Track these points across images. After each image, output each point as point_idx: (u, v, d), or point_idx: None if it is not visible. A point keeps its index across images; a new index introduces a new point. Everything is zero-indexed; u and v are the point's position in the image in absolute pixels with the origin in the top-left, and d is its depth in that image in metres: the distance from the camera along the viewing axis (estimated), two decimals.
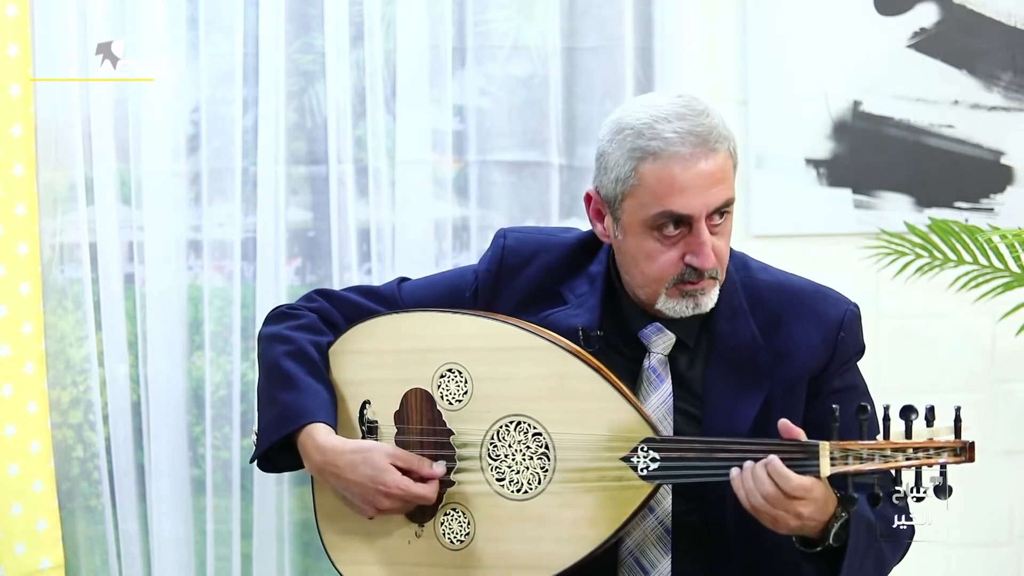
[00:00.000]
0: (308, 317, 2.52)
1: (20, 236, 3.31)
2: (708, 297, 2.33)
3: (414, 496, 2.35)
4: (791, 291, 2.41)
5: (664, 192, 2.26)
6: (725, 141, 2.28)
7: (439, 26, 3.49)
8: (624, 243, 2.35)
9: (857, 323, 2.42)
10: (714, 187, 2.26)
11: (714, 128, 2.27)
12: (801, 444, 2.16)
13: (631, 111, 2.32)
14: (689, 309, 2.33)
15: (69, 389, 3.42)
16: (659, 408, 2.35)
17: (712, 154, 2.26)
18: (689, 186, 2.25)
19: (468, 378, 2.38)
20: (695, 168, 2.25)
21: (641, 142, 2.27)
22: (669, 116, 2.27)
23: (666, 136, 2.26)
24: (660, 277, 2.31)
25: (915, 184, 3.65)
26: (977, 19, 3.63)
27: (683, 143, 2.25)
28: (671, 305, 2.33)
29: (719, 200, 2.27)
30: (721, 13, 3.62)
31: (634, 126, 2.29)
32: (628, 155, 2.28)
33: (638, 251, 2.32)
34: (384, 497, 2.35)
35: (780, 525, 2.18)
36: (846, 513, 2.20)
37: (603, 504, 2.27)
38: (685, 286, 2.31)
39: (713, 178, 2.26)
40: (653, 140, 2.26)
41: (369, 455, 2.36)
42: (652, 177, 2.27)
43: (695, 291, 2.31)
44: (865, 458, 2.14)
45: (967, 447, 2.14)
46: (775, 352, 2.36)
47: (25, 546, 3.30)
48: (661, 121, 2.27)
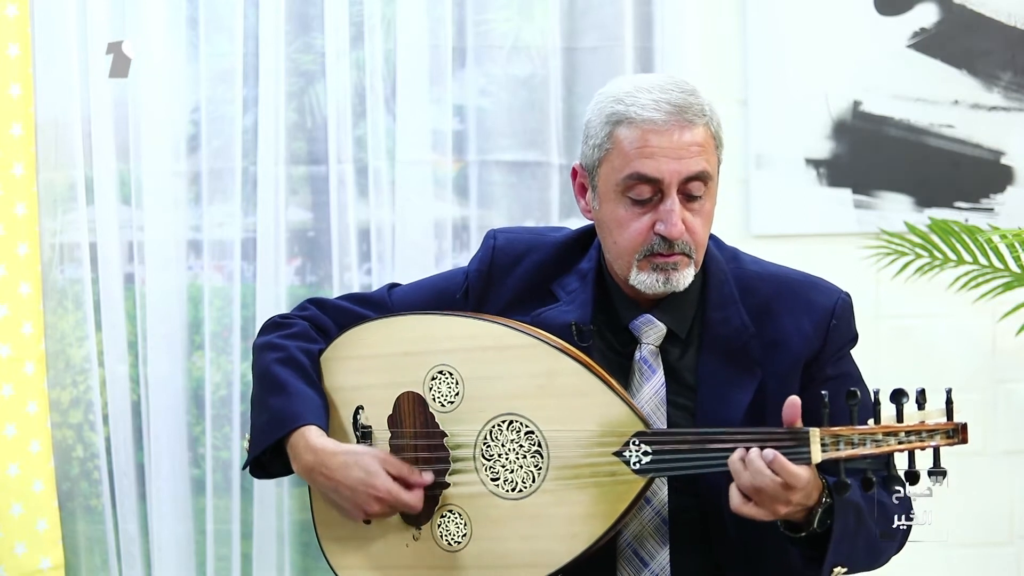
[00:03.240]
0: (299, 325, 2.53)
1: (20, 236, 3.31)
2: (681, 274, 2.32)
3: (402, 503, 2.36)
4: (782, 281, 2.42)
5: (635, 155, 2.27)
6: (704, 118, 2.29)
7: (439, 26, 3.49)
8: (600, 213, 2.36)
9: (849, 311, 2.42)
10: (688, 157, 2.27)
11: (696, 104, 2.29)
12: (792, 431, 2.15)
13: (618, 81, 2.37)
14: (660, 284, 2.32)
15: (69, 389, 3.42)
16: (651, 399, 2.36)
17: (688, 125, 2.27)
18: (660, 151, 2.27)
19: (459, 379, 2.38)
20: (669, 136, 2.27)
21: (619, 107, 2.30)
22: (652, 87, 2.30)
23: (643, 103, 2.28)
24: (631, 247, 2.32)
25: (915, 184, 3.65)
26: (977, 19, 3.63)
27: (658, 110, 2.27)
28: (642, 279, 2.33)
29: (691, 169, 2.27)
30: (721, 13, 3.62)
31: (614, 94, 2.32)
32: (605, 120, 2.31)
33: (611, 218, 2.33)
34: (374, 501, 2.36)
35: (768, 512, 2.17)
36: (830, 499, 2.19)
37: (597, 500, 2.27)
38: (655, 258, 2.31)
39: (687, 148, 2.27)
40: (631, 106, 2.29)
41: (361, 458, 2.37)
42: (625, 141, 2.29)
43: (666, 264, 2.31)
44: (856, 443, 2.13)
45: (959, 428, 2.14)
46: (767, 341, 2.36)
47: (25, 546, 3.31)
48: (642, 90, 2.30)
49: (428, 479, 2.39)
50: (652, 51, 3.57)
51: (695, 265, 2.34)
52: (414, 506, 2.37)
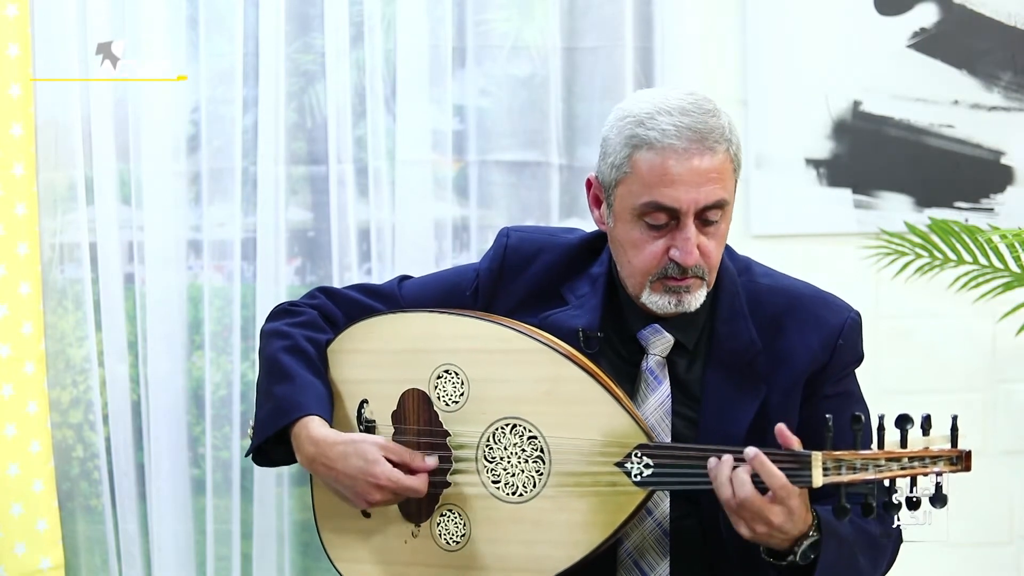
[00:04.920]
0: (309, 314, 2.53)
1: (20, 236, 3.31)
2: (693, 296, 2.32)
3: (404, 488, 2.35)
4: (793, 296, 2.41)
5: (654, 182, 2.26)
6: (726, 143, 2.27)
7: (439, 26, 3.49)
8: (615, 231, 2.35)
9: (857, 332, 2.41)
10: (706, 185, 2.25)
11: (716, 128, 2.26)
12: (793, 454, 2.14)
13: (639, 99, 2.33)
14: (672, 306, 2.32)
15: (69, 389, 3.42)
16: (657, 410, 2.36)
17: (709, 152, 2.25)
18: (679, 180, 2.25)
19: (465, 380, 2.38)
20: (688, 163, 2.25)
21: (640, 131, 2.27)
22: (672, 110, 2.27)
23: (664, 128, 2.25)
24: (644, 269, 2.31)
25: (915, 184, 3.65)
26: (977, 19, 3.63)
27: (679, 137, 2.25)
28: (654, 300, 2.32)
29: (709, 199, 2.26)
30: (721, 13, 3.62)
31: (636, 114, 2.29)
32: (625, 142, 2.29)
33: (626, 239, 2.32)
34: (375, 489, 2.35)
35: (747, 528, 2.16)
36: (817, 533, 2.18)
37: (597, 509, 2.27)
38: (668, 281, 2.31)
39: (706, 176, 2.25)
40: (651, 130, 2.26)
41: (360, 447, 2.36)
42: (644, 166, 2.27)
43: (679, 288, 2.31)
44: (859, 468, 2.12)
45: (963, 456, 2.12)
46: (774, 356, 2.35)
47: (25, 546, 3.30)
48: (663, 113, 2.27)
49: (432, 463, 2.38)
50: (652, 51, 3.57)
51: (708, 286, 2.34)
52: (418, 490, 2.36)
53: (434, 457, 2.38)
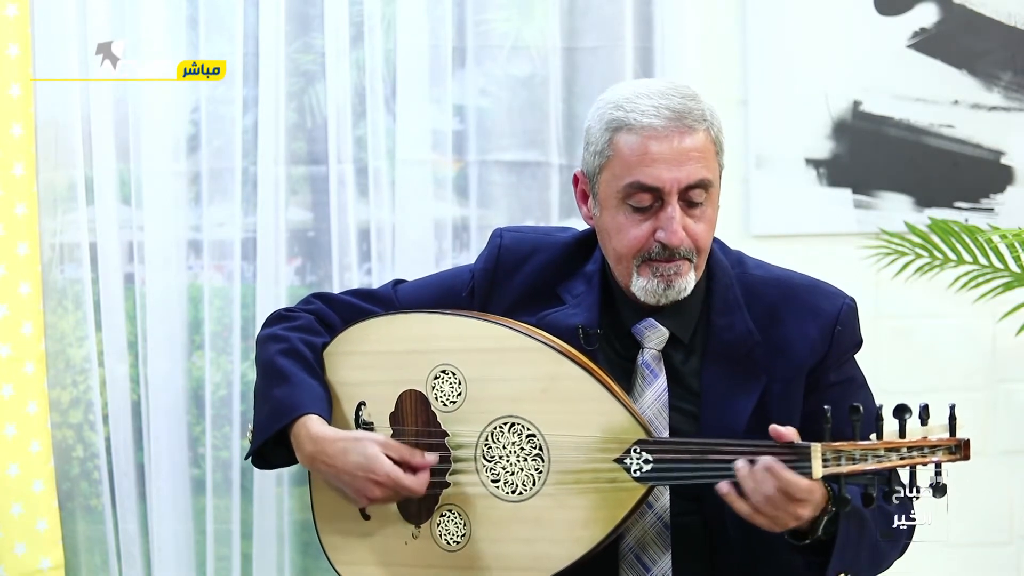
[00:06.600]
0: (304, 319, 2.53)
1: (20, 236, 3.31)
2: (683, 279, 2.32)
3: (404, 486, 2.35)
4: (787, 286, 2.41)
5: (636, 163, 2.27)
6: (706, 123, 2.28)
7: (439, 26, 3.49)
8: (601, 219, 2.36)
9: (854, 316, 2.41)
10: (688, 164, 2.26)
11: (696, 110, 2.28)
12: (793, 446, 2.15)
13: (618, 87, 2.36)
14: (661, 289, 2.32)
15: (69, 389, 3.42)
16: (654, 404, 2.36)
17: (689, 132, 2.27)
18: (660, 159, 2.26)
19: (462, 379, 2.38)
20: (668, 142, 2.26)
21: (619, 114, 2.29)
22: (652, 93, 2.29)
23: (643, 108, 2.27)
24: (630, 251, 2.31)
25: (915, 184, 3.65)
26: (977, 19, 3.63)
27: (658, 116, 2.26)
28: (643, 284, 2.32)
29: (692, 177, 2.27)
30: (721, 13, 3.62)
31: (615, 100, 2.31)
32: (606, 127, 2.30)
33: (611, 225, 2.33)
34: (374, 486, 2.35)
35: (778, 525, 2.17)
36: (835, 507, 2.19)
37: (597, 506, 2.27)
38: (655, 263, 2.31)
39: (687, 155, 2.26)
40: (631, 112, 2.28)
41: (360, 444, 2.36)
42: (626, 148, 2.28)
43: (667, 270, 2.31)
44: (858, 459, 2.13)
45: (962, 444, 2.13)
46: (771, 347, 2.36)
47: (25, 546, 3.30)
48: (642, 96, 2.29)
49: (432, 460, 2.38)
50: (652, 51, 3.57)
51: (696, 270, 2.33)
52: (416, 489, 2.36)
53: (434, 454, 2.38)
